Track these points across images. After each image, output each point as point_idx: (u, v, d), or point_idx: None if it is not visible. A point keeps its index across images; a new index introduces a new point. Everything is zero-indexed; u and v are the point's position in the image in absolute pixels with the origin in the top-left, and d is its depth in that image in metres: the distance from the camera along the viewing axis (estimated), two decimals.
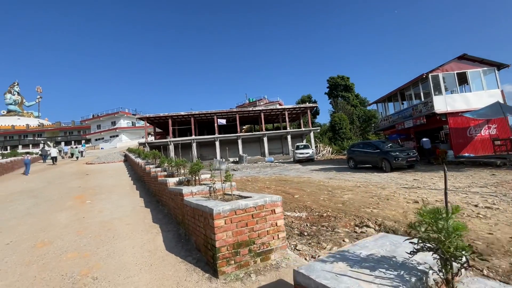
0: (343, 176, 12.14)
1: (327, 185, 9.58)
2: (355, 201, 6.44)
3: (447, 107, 14.12)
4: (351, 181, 10.45)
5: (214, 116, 31.32)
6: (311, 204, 6.45)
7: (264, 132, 31.22)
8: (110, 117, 53.06)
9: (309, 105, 34.06)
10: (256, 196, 3.12)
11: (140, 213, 5.07)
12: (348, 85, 49.18)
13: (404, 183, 9.03)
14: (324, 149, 32.68)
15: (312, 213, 5.76)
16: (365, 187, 8.68)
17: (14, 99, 73.21)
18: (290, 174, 14.53)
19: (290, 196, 7.81)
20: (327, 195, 7.64)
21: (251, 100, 60.21)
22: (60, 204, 6.24)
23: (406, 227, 4.51)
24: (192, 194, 3.77)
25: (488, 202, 5.77)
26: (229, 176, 3.30)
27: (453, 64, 14.63)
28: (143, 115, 31.26)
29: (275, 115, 36.18)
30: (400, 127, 17.24)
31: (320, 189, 8.68)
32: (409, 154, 12.26)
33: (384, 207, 5.70)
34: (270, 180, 12.27)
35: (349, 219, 5.09)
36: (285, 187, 9.74)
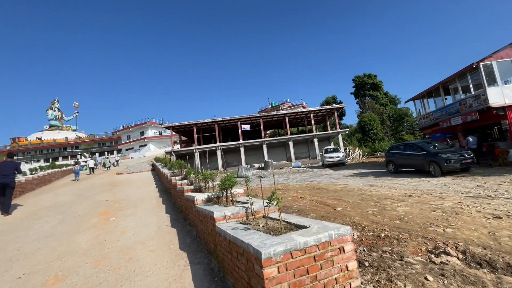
0: (385, 183, 10.84)
1: (371, 194, 8.45)
2: (415, 216, 5.33)
3: (505, 100, 12.22)
4: (397, 188, 9.19)
5: (238, 122, 30.97)
6: (360, 220, 5.46)
7: (289, 136, 30.21)
8: (139, 128, 55.21)
9: (336, 106, 32.53)
10: (315, 225, 2.30)
11: (165, 235, 4.46)
12: (376, 83, 46.61)
13: (465, 191, 7.65)
14: (354, 151, 30.84)
15: (365, 232, 4.78)
16: (418, 196, 7.44)
17: (55, 114, 79.50)
18: (322, 180, 13.44)
19: (331, 208, 6.84)
20: (375, 207, 6.56)
21: (273, 104, 59.53)
22: (84, 222, 5.88)
23: None
24: (226, 219, 3.04)
25: None
26: (275, 198, 2.51)
27: (508, 50, 12.72)
28: (169, 124, 31.78)
29: (299, 118, 35.05)
30: (445, 124, 15.38)
31: (364, 200, 7.59)
32: (463, 155, 10.66)
33: (458, 225, 4.56)
34: (302, 188, 11.31)
35: (418, 242, 4.05)
36: (321, 196, 8.76)
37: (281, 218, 2.41)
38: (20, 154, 66.52)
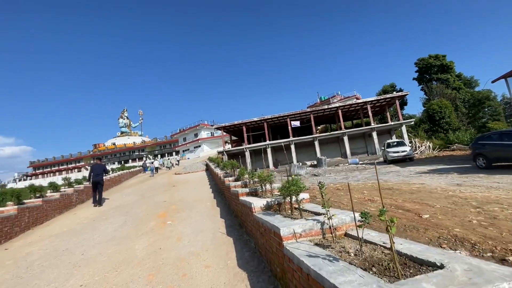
0: (477, 181, 8.74)
1: (463, 196, 6.74)
2: None
3: None
4: (500, 189, 7.20)
5: (287, 119, 30.04)
6: (465, 233, 4.14)
7: (343, 131, 28.01)
8: (193, 130, 58.75)
9: (397, 94, 28.95)
10: (454, 264, 1.40)
11: (221, 245, 3.99)
12: (446, 64, 40.17)
13: None
14: (421, 145, 26.96)
15: (478, 252, 3.51)
16: None
17: (125, 122, 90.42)
18: (390, 179, 11.69)
19: (413, 215, 5.54)
20: (478, 214, 5.05)
21: (323, 99, 56.75)
22: (143, 225, 5.89)
23: None
24: (296, 237, 2.32)
25: None
26: (367, 216, 1.68)
27: None
28: (220, 125, 32.69)
29: (354, 111, 32.31)
30: None
31: (457, 204, 6.02)
32: None
33: None
34: (367, 188, 9.91)
35: None
36: (395, 199, 7.37)
37: (394, 248, 1.54)
38: None
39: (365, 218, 1.76)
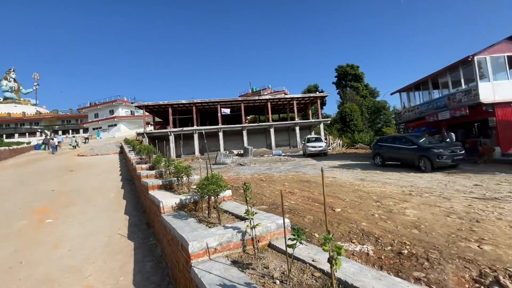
0: (376, 177, 10.19)
1: (366, 190, 7.63)
2: (433, 225, 4.48)
3: (495, 96, 11.99)
4: (392, 184, 8.51)
5: (218, 105, 29.17)
6: (370, 228, 4.50)
7: (271, 123, 29.15)
8: (108, 106, 50.88)
9: (319, 94, 31.86)
10: (369, 274, 1.12)
11: (117, 254, 3.15)
12: (358, 74, 46.61)
13: (466, 190, 7.08)
14: (334, 142, 30.67)
15: (381, 246, 3.81)
16: (420, 195, 6.72)
17: (11, 86, 70.77)
18: (308, 171, 12.58)
19: (328, 208, 5.86)
20: (379, 208, 5.69)
21: (254, 90, 57.87)
22: (8, 225, 4.31)
23: None
24: (209, 253, 1.79)
25: None
26: (300, 233, 1.29)
27: (503, 45, 12.40)
28: (142, 103, 29.16)
29: (282, 105, 34.00)
30: (431, 119, 15.13)
31: (362, 198, 6.73)
32: (455, 151, 10.27)
33: (493, 239, 3.74)
34: (288, 180, 10.33)
35: (456, 266, 3.14)
36: (312, 191, 7.81)
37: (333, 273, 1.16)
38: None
39: (297, 236, 1.36)
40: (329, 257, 1.05)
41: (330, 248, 1.06)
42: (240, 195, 7.44)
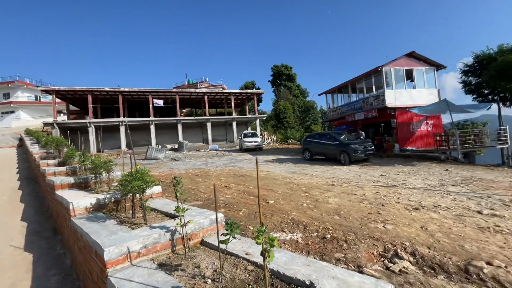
0: (305, 170, 11.09)
1: (297, 182, 8.21)
2: (350, 210, 5.11)
3: (396, 102, 14.55)
4: (318, 176, 9.39)
5: (149, 96, 26.80)
6: (299, 216, 4.84)
7: (208, 117, 28.49)
8: (3, 88, 40.81)
9: (256, 91, 32.73)
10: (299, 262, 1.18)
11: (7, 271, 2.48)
12: (291, 74, 49.87)
13: (374, 180, 8.38)
14: (268, 137, 32.11)
15: (308, 233, 4.13)
16: (340, 185, 7.62)
17: None
18: (244, 166, 12.80)
19: (262, 201, 6.06)
20: (307, 198, 6.18)
21: (191, 82, 55.49)
22: None
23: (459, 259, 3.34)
24: (131, 258, 1.57)
25: (482, 206, 5.23)
26: (234, 227, 1.24)
27: (402, 60, 15.10)
28: (51, 88, 24.39)
29: (219, 99, 33.61)
30: (350, 119, 17.39)
31: (293, 189, 7.20)
32: (367, 147, 12.02)
33: (394, 220, 4.50)
34: (224, 174, 10.28)
35: (367, 245, 3.65)
36: (247, 185, 7.96)
37: (266, 266, 1.12)
38: None
39: (230, 231, 1.29)
40: (262, 250, 1.02)
41: (263, 241, 1.03)
42: (173, 191, 7.01)
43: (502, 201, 5.50)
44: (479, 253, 3.19)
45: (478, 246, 3.38)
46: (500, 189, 6.62)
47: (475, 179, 7.91)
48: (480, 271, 2.81)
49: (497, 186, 6.97)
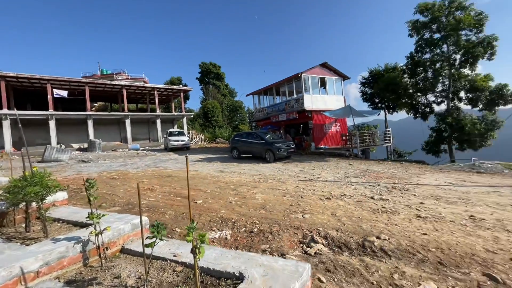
0: (233, 168, 11.31)
1: (225, 181, 8.30)
2: (275, 204, 5.51)
3: (313, 106, 16.44)
4: (246, 174, 9.73)
5: (48, 85, 22.14)
6: (228, 214, 4.92)
7: (127, 113, 25.59)
8: None
9: (183, 87, 31.30)
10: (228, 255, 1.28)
11: None
12: (220, 74, 49.83)
13: (295, 175, 9.25)
14: (196, 136, 31.27)
15: (237, 229, 4.26)
16: (266, 182, 8.10)
17: None
18: (170, 166, 12.11)
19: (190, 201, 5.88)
20: (235, 195, 6.34)
21: (105, 72, 48.64)
22: None
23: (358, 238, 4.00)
24: (26, 280, 1.30)
25: (374, 192, 6.47)
26: (160, 228, 1.22)
27: (317, 69, 17.16)
28: None
29: (141, 94, 30.66)
30: (274, 119, 18.66)
31: (222, 188, 7.26)
32: (289, 145, 13.14)
33: (310, 209, 5.09)
34: (147, 176, 9.49)
35: (289, 233, 4.02)
36: (174, 186, 7.58)
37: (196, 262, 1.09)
38: None
39: (156, 232, 1.22)
40: (192, 247, 1.01)
41: (194, 238, 1.02)
42: (82, 197, 6.05)
43: (387, 188, 6.92)
44: (372, 230, 3.94)
45: (371, 225, 4.17)
46: (385, 178, 8.33)
47: (369, 171, 9.68)
48: (372, 245, 3.47)
49: (383, 176, 8.73)
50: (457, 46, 15.59)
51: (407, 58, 17.96)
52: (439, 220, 4.35)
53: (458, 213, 4.69)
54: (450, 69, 16.39)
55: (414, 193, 6.28)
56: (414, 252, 3.25)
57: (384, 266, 2.98)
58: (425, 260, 3.07)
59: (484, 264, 2.92)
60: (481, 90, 15.74)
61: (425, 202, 5.46)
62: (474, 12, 15.39)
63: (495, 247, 3.31)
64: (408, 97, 17.88)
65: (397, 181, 7.75)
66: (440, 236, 3.67)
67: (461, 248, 3.29)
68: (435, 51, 16.58)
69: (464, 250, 3.25)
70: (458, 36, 15.30)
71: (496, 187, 6.84)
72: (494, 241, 3.49)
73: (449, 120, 15.97)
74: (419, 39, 16.98)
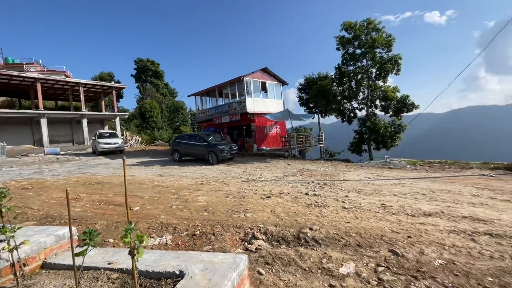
0: (174, 172, 10.87)
1: (165, 185, 7.93)
2: (218, 205, 5.56)
3: (254, 108, 17.01)
4: (188, 177, 9.48)
5: None
6: (168, 219, 4.75)
7: (42, 111, 21.80)
8: None
9: (115, 84, 28.34)
10: (169, 256, 1.35)
11: None
12: (159, 71, 46.95)
13: (238, 176, 9.45)
14: (132, 138, 28.74)
15: (178, 233, 4.16)
16: (208, 184, 8.06)
17: None
18: (99, 172, 10.88)
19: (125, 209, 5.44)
20: (176, 200, 6.14)
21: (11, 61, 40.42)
22: None
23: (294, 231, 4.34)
24: None
25: (309, 189, 7.13)
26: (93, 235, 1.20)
27: (259, 73, 17.85)
28: None
29: (61, 90, 26.53)
30: (217, 121, 18.58)
31: (161, 193, 6.92)
32: (232, 147, 13.31)
33: (252, 208, 5.31)
34: (71, 184, 8.33)
35: (231, 233, 4.14)
36: (106, 194, 6.87)
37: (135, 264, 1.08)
38: None
39: (88, 239, 1.17)
40: (130, 248, 1.01)
41: (132, 239, 1.02)
42: None
43: (319, 184, 7.70)
44: (306, 223, 4.36)
45: (305, 218, 4.60)
46: (318, 175, 9.24)
47: (305, 170, 10.57)
48: (306, 236, 3.86)
49: (317, 173, 9.66)
50: (373, 61, 18.41)
51: (335, 69, 20.28)
52: (359, 209, 5.08)
53: (374, 202, 5.56)
54: (368, 80, 19.20)
55: (341, 187, 7.16)
56: (339, 238, 3.74)
57: (315, 253, 3.36)
58: (347, 244, 3.57)
59: (390, 242, 3.57)
60: (390, 99, 18.94)
61: (349, 195, 6.28)
62: (385, 34, 18.43)
63: (398, 228, 4.07)
64: (336, 103, 20.18)
65: (328, 178, 8.69)
66: (359, 223, 4.31)
67: (374, 231, 3.93)
68: (357, 64, 19.19)
69: (376, 232, 3.90)
70: (374, 53, 18.08)
71: (401, 179, 8.33)
72: (398, 223, 4.29)
73: (368, 124, 18.69)
74: (345, 53, 19.38)
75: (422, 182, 7.77)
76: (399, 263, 3.02)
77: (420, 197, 5.92)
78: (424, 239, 3.60)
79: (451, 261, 2.99)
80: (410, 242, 3.52)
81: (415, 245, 3.42)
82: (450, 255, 3.14)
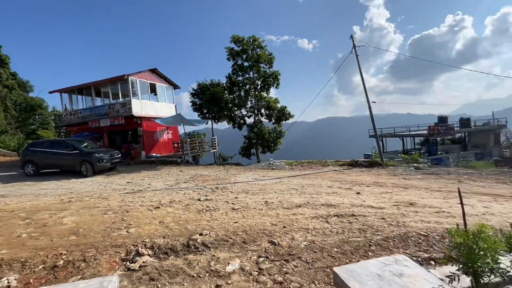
0: (25, 189, 8.43)
1: (10, 209, 6.01)
2: (92, 225, 4.71)
3: (142, 112, 15.48)
4: (48, 195, 7.57)
5: None
6: (14, 253, 3.63)
7: None
8: None
9: None
10: None
11: None
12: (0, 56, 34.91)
13: (121, 188, 8.35)
14: None
15: (30, 269, 3.24)
16: (80, 200, 6.71)
17: None
18: None
19: None
20: (28, 226, 4.77)
21: None
22: None
23: (186, 240, 4.17)
24: None
25: (201, 194, 7.17)
26: None
27: (147, 74, 16.41)
28: None
29: None
30: (94, 125, 15.63)
31: (3, 220, 5.19)
32: (114, 155, 11.61)
33: (137, 222, 4.80)
34: None
35: (109, 254, 3.61)
36: None
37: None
38: None
39: None
40: None
41: None
42: None
43: (211, 188, 7.85)
44: (196, 229, 4.35)
45: (196, 224, 4.59)
46: (211, 180, 9.42)
47: (198, 175, 10.53)
48: (196, 242, 3.85)
49: (210, 178, 9.82)
50: (259, 74, 20.68)
51: (226, 78, 21.39)
52: (246, 209, 5.53)
53: (258, 201, 6.20)
54: (255, 91, 21.35)
55: (231, 190, 7.57)
56: (227, 239, 3.95)
57: (204, 257, 3.41)
58: (234, 243, 3.82)
59: (270, 234, 4.07)
60: (273, 109, 21.79)
61: (239, 196, 6.73)
62: (267, 52, 21.11)
63: (276, 221, 4.70)
64: (228, 110, 21.28)
65: (220, 182, 8.99)
66: (246, 221, 4.69)
67: (258, 227, 4.39)
68: (245, 75, 20.98)
69: (259, 228, 4.36)
70: (258, 67, 20.34)
71: (280, 178, 9.69)
72: (276, 217, 4.95)
73: (255, 130, 20.74)
74: (234, 64, 20.79)
75: (296, 179, 9.30)
76: (276, 251, 3.50)
77: (294, 192, 7.06)
78: (295, 227, 4.33)
79: (312, 241, 3.74)
80: (284, 231, 4.15)
81: (288, 233, 4.05)
82: (312, 237, 3.91)
